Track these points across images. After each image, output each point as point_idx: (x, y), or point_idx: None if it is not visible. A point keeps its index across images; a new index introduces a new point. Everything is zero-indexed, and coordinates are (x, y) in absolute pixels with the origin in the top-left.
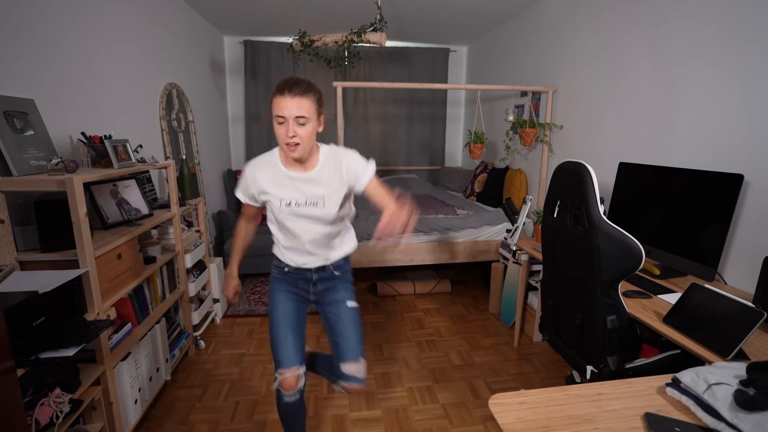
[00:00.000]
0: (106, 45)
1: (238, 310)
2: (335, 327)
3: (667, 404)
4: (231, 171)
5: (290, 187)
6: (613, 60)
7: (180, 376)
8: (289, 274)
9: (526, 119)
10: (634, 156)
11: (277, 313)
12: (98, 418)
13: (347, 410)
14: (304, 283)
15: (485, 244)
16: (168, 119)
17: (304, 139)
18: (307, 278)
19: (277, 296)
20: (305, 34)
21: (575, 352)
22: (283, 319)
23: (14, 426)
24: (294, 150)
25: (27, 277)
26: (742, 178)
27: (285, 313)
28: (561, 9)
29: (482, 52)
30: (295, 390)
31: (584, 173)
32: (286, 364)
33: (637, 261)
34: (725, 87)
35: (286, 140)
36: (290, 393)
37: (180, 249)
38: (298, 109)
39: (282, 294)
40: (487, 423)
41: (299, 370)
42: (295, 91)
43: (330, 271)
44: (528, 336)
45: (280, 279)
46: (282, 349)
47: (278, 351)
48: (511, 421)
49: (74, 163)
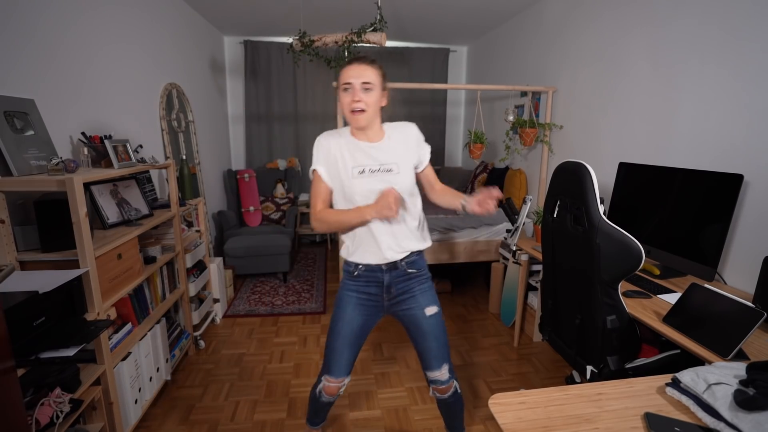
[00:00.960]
0: (106, 45)
1: (238, 310)
2: (417, 337)
3: (667, 404)
4: (231, 171)
5: (363, 155)
6: (614, 60)
7: (180, 376)
8: (359, 278)
9: (526, 119)
10: (634, 156)
11: (340, 324)
12: (98, 418)
13: (347, 410)
14: (376, 289)
15: (485, 244)
16: (168, 119)
17: (369, 105)
18: (379, 281)
19: (345, 307)
20: (305, 34)
21: (575, 352)
22: (344, 332)
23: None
24: (359, 116)
25: (27, 277)
26: (742, 178)
27: (348, 325)
28: (561, 9)
29: (482, 52)
30: (334, 396)
31: (584, 173)
32: (334, 375)
33: (637, 261)
34: (725, 87)
35: (351, 106)
36: (329, 398)
37: (180, 249)
38: (364, 76)
39: (350, 303)
40: (487, 423)
41: (344, 381)
42: (362, 61)
43: (403, 269)
44: (528, 336)
45: (350, 285)
46: (334, 362)
47: (330, 360)
48: (511, 421)
49: (74, 163)
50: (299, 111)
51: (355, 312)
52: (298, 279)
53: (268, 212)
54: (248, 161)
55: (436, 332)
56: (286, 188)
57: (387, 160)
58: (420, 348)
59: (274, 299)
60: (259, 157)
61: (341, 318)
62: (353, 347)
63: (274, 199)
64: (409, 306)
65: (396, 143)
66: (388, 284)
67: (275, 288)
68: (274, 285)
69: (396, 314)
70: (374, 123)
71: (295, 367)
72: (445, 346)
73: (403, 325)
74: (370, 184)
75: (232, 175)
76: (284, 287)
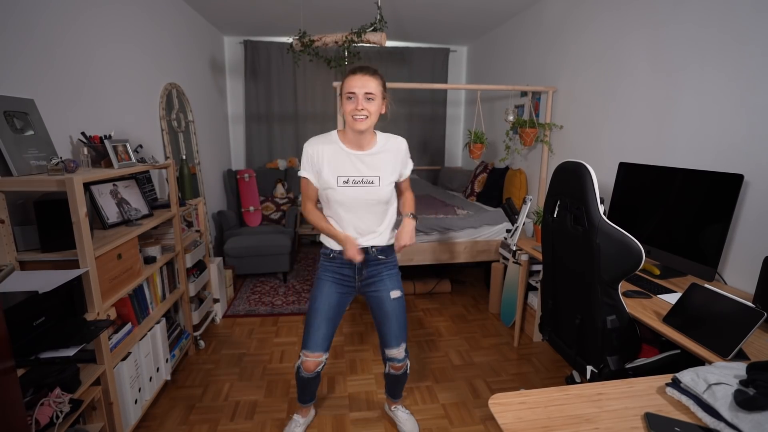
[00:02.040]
0: (106, 45)
1: (238, 310)
2: (379, 317)
3: (667, 404)
4: (231, 171)
5: (348, 164)
6: (614, 60)
7: (180, 376)
8: (335, 259)
9: (526, 119)
10: (634, 156)
11: (318, 303)
12: (98, 418)
13: (347, 410)
14: (349, 271)
15: (485, 244)
16: (168, 119)
17: (371, 113)
18: (352, 264)
19: (321, 284)
20: (305, 34)
21: (575, 352)
22: (322, 309)
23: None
24: (362, 122)
25: (27, 277)
26: (742, 178)
27: (326, 302)
28: (561, 9)
29: (482, 52)
30: (312, 372)
31: (584, 173)
32: (311, 349)
33: (637, 261)
34: (725, 87)
35: (355, 113)
36: (308, 373)
37: (180, 249)
38: (367, 86)
39: (327, 283)
40: (487, 423)
41: (321, 357)
42: (365, 72)
43: (374, 255)
44: (528, 336)
45: (327, 266)
46: (312, 337)
47: (309, 336)
48: (511, 421)
49: (74, 163)
50: (299, 111)
51: (331, 290)
52: (298, 279)
53: (268, 212)
54: (248, 161)
55: (398, 314)
56: (286, 188)
57: (370, 173)
58: (382, 327)
59: (274, 299)
60: (259, 157)
61: (319, 296)
62: (330, 323)
63: (274, 199)
64: (377, 288)
65: (386, 154)
66: (360, 266)
67: (275, 288)
68: (274, 285)
69: (365, 294)
70: (370, 130)
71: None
72: (404, 327)
73: (370, 305)
74: (353, 193)
75: (232, 175)
76: (284, 287)
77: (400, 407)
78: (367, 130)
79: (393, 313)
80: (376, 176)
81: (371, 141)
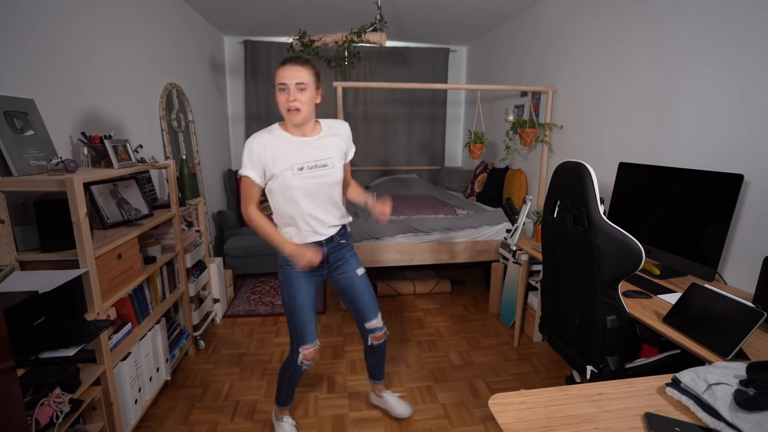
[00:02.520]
0: (106, 45)
1: (238, 310)
2: (352, 295)
3: (667, 404)
4: (231, 171)
5: (299, 152)
6: (614, 60)
7: (180, 376)
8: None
9: (526, 119)
10: (634, 156)
11: (301, 299)
12: (98, 418)
13: (347, 410)
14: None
15: (485, 244)
16: (168, 119)
17: (303, 104)
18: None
19: (296, 283)
20: (305, 34)
21: (575, 352)
22: (306, 304)
23: (14, 426)
24: (295, 115)
25: (27, 277)
26: (742, 178)
27: (307, 298)
28: (561, 9)
29: (482, 52)
30: (313, 360)
31: (584, 173)
32: (310, 341)
33: (637, 261)
34: (725, 87)
35: (287, 105)
36: (309, 362)
37: (180, 249)
38: (297, 77)
39: (302, 280)
40: (487, 423)
41: (317, 343)
42: (295, 62)
43: (337, 241)
44: (528, 336)
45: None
46: (307, 332)
47: (304, 332)
48: (511, 421)
49: (74, 163)
50: None
51: (306, 284)
52: None
53: (268, 212)
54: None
55: (367, 287)
56: None
57: (322, 156)
58: (357, 304)
59: (274, 299)
60: None
61: (298, 295)
62: (314, 313)
63: None
64: (344, 270)
65: (333, 138)
66: (327, 254)
67: (275, 288)
68: (274, 285)
69: (333, 280)
70: (310, 119)
71: None
72: (375, 299)
73: (339, 288)
74: (308, 179)
75: (232, 175)
76: None
77: (387, 392)
78: (304, 123)
79: (365, 288)
80: (328, 158)
81: (315, 128)
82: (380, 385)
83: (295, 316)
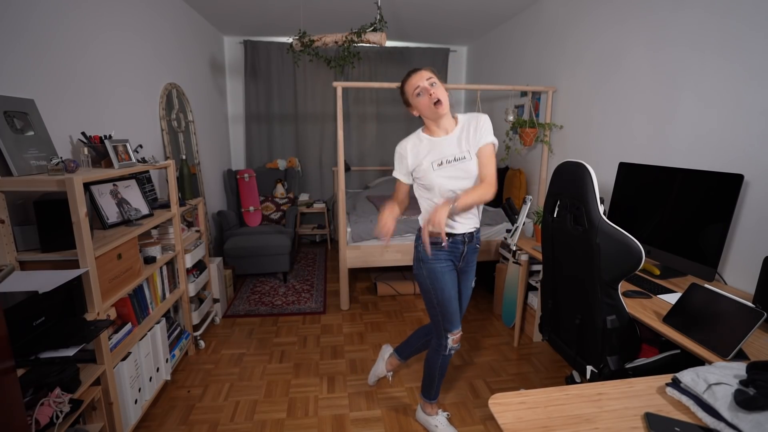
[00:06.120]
0: (106, 45)
1: (238, 310)
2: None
3: (667, 404)
4: (231, 171)
5: (438, 150)
6: (613, 60)
7: (180, 376)
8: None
9: (526, 119)
10: (634, 156)
11: (448, 291)
12: (98, 418)
13: (347, 410)
14: (456, 257)
15: (485, 244)
16: (168, 119)
17: (442, 96)
18: (459, 252)
19: (442, 276)
20: (305, 34)
21: (575, 352)
22: (453, 294)
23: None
24: (441, 106)
25: (27, 277)
26: (742, 178)
27: (453, 289)
28: (561, 9)
29: (482, 52)
30: (459, 344)
31: (584, 173)
32: (457, 327)
33: (637, 261)
34: (725, 87)
35: (431, 101)
36: (457, 345)
37: (180, 249)
38: (425, 76)
39: (447, 273)
40: (487, 423)
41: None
42: (415, 70)
43: (474, 243)
44: (528, 336)
45: (439, 256)
46: (456, 318)
47: (453, 318)
48: (511, 420)
49: (74, 163)
50: (299, 111)
51: (452, 277)
52: (298, 279)
53: (268, 212)
54: (248, 161)
55: (467, 300)
56: (286, 188)
57: (460, 150)
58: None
59: (274, 299)
60: (259, 157)
61: (445, 287)
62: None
63: (274, 199)
64: (464, 279)
65: (467, 131)
66: (465, 253)
67: (275, 288)
68: (274, 285)
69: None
70: (448, 113)
71: (294, 367)
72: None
73: None
74: (448, 172)
75: (232, 175)
76: (284, 287)
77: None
78: (447, 114)
79: (465, 300)
80: (466, 150)
81: (453, 124)
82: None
83: (444, 306)
